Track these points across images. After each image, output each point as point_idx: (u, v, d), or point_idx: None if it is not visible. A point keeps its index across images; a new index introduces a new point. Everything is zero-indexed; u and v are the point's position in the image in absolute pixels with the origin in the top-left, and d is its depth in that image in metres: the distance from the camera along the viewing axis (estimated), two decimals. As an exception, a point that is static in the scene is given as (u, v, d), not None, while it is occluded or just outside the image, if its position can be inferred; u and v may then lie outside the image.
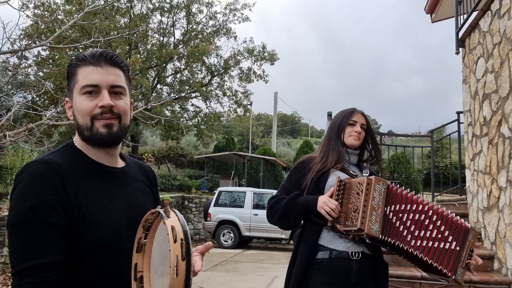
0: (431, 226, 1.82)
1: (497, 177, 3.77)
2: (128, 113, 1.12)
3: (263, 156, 20.20)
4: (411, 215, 1.83)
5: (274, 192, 12.56)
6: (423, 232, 1.82)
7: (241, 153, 21.29)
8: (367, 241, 1.84)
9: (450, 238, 1.82)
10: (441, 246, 1.82)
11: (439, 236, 1.81)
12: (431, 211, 1.83)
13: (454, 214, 1.88)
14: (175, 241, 0.86)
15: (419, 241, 1.81)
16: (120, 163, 1.18)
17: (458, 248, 1.82)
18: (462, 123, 5.16)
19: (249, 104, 23.56)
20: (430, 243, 1.81)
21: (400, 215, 1.82)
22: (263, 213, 11.06)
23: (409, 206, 1.83)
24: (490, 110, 3.97)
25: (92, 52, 1.07)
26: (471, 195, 4.62)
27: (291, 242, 11.34)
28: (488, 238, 4.04)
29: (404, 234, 1.81)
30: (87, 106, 1.04)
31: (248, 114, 28.37)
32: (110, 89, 1.06)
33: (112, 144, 1.10)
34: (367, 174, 1.99)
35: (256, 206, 11.54)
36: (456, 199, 5.45)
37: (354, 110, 2.15)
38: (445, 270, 1.81)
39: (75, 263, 0.96)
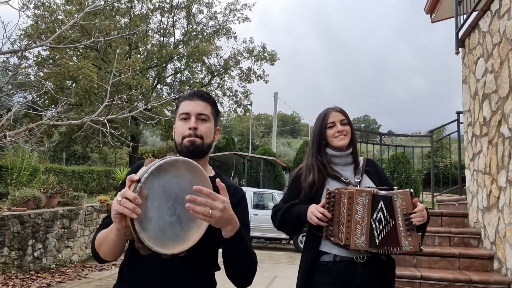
0: (382, 218, 1.78)
1: (496, 177, 3.77)
2: (210, 135, 1.46)
3: (263, 156, 20.19)
4: (380, 215, 1.79)
5: (274, 192, 12.53)
6: (382, 227, 1.78)
7: (241, 153, 21.29)
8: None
9: (388, 217, 1.76)
10: (393, 230, 1.76)
11: (384, 222, 1.77)
12: (381, 202, 1.78)
13: (393, 190, 1.81)
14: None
15: (380, 238, 1.78)
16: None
17: (393, 223, 1.75)
18: (462, 123, 5.16)
19: (249, 104, 23.59)
20: (385, 235, 1.76)
21: (376, 220, 1.79)
22: (263, 213, 11.06)
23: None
24: (489, 110, 3.97)
25: (190, 91, 1.49)
26: (471, 195, 4.62)
27: (291, 242, 11.35)
28: (488, 238, 4.05)
29: (378, 239, 1.78)
30: (181, 128, 1.43)
31: (248, 114, 28.39)
32: (197, 116, 1.42)
33: (194, 156, 1.40)
34: (359, 180, 1.95)
35: (256, 206, 11.53)
36: (456, 199, 5.45)
37: (327, 110, 2.06)
38: (390, 250, 1.76)
39: None
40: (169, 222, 1.17)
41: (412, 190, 1.78)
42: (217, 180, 1.21)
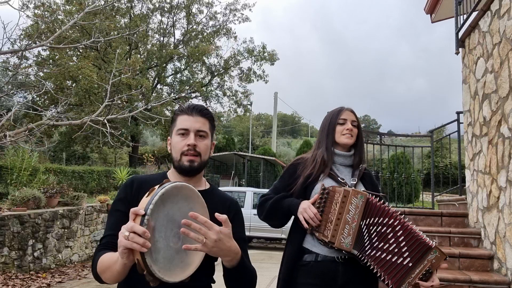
0: (392, 240, 1.76)
1: (496, 177, 3.78)
2: (208, 152, 1.46)
3: (263, 156, 20.19)
4: (379, 227, 1.78)
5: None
6: (382, 244, 1.76)
7: (241, 153, 21.30)
8: (343, 252, 1.81)
9: (406, 254, 1.74)
10: (393, 259, 1.74)
11: (396, 250, 1.74)
12: (399, 226, 1.76)
13: (421, 232, 1.78)
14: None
15: (374, 251, 1.76)
16: (200, 189, 1.46)
17: (410, 264, 1.73)
18: (462, 123, 5.16)
19: (249, 104, 23.60)
20: (384, 255, 1.75)
21: (371, 228, 1.78)
22: (263, 213, 11.03)
23: (381, 219, 1.78)
24: (489, 110, 3.97)
25: (188, 105, 1.46)
26: (471, 195, 4.62)
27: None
28: (487, 238, 4.05)
29: (367, 246, 1.77)
30: (180, 145, 1.41)
31: (248, 114, 28.40)
32: (196, 133, 1.42)
33: (192, 174, 1.44)
34: (355, 182, 1.95)
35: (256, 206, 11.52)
36: (456, 199, 5.46)
37: (342, 108, 2.10)
38: (388, 281, 1.76)
39: None
40: (175, 250, 1.16)
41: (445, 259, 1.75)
42: (216, 214, 1.18)
